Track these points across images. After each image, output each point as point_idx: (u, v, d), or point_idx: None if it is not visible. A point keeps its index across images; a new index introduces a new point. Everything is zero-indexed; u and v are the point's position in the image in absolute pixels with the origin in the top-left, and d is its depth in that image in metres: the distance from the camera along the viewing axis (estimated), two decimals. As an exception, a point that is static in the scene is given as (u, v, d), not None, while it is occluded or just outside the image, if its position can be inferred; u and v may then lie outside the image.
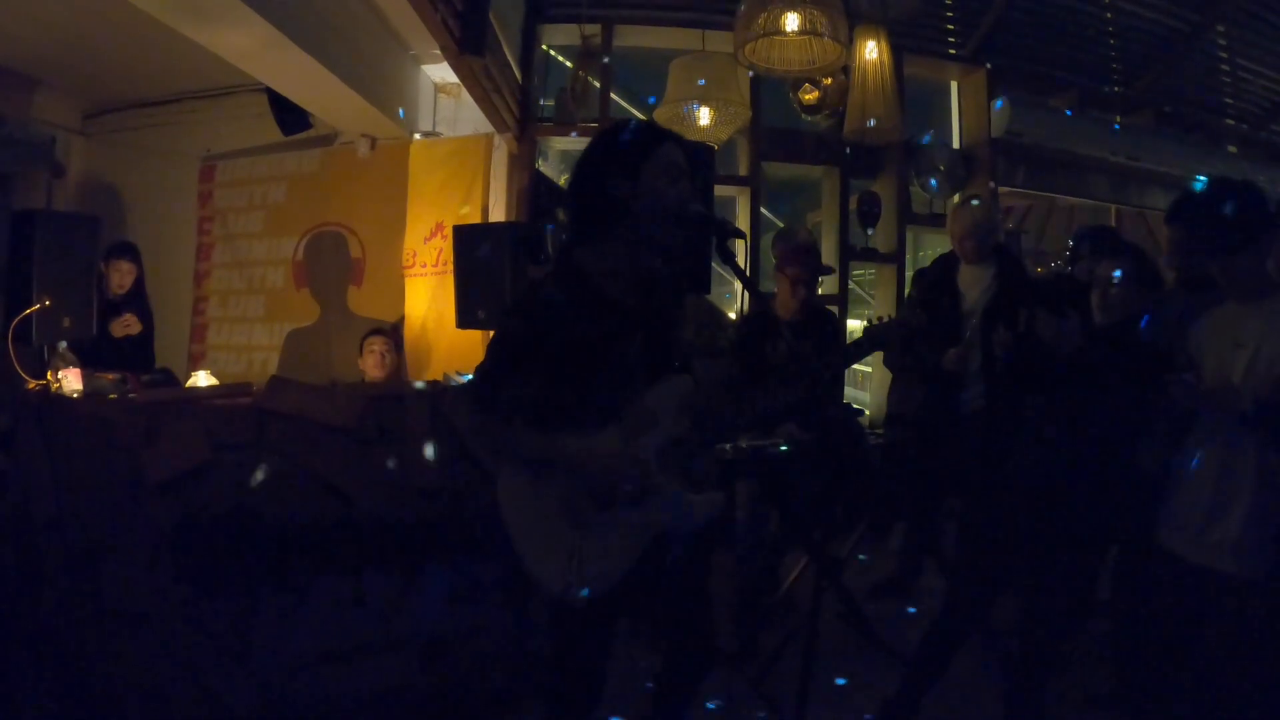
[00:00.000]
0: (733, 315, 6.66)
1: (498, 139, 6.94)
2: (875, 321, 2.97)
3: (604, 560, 2.40)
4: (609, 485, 2.42)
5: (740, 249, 2.45)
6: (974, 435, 4.70)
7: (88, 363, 4.79)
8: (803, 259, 5.02)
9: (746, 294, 2.46)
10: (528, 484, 2.44)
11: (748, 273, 2.54)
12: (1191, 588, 2.94)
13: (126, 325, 5.86)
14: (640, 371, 2.52)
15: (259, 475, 3.72)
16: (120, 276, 5.94)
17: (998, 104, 7.81)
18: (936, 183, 7.67)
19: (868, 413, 7.70)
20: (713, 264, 4.62)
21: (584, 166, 2.55)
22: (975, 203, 5.05)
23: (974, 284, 4.87)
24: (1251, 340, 2.88)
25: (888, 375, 6.05)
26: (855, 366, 8.95)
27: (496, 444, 2.48)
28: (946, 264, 5.09)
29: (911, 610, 5.15)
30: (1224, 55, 8.98)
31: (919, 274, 5.68)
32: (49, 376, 4.26)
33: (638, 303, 2.53)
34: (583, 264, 2.50)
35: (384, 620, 3.84)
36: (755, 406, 2.70)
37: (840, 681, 4.28)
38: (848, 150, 7.44)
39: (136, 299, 6.09)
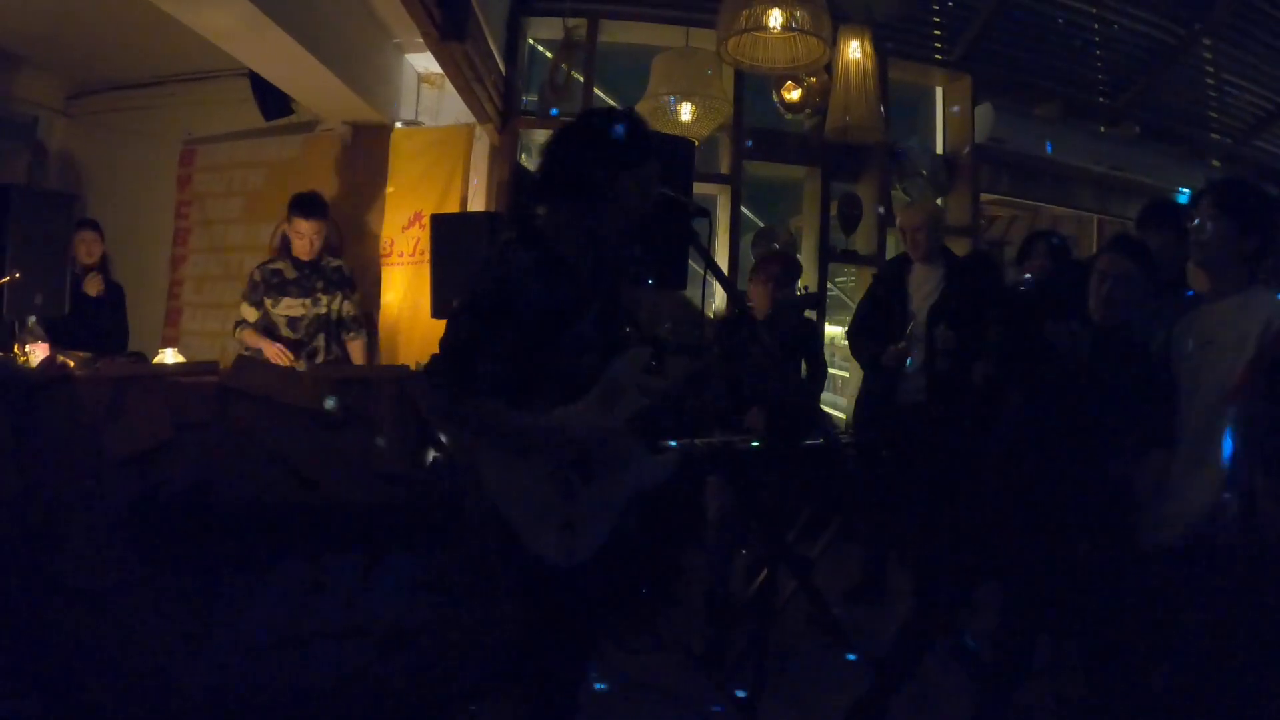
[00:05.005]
0: (710, 314, 6.70)
1: (479, 130, 6.93)
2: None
3: (594, 526, 2.49)
4: (591, 455, 2.48)
5: (704, 229, 2.45)
6: (914, 428, 4.80)
7: (60, 339, 4.78)
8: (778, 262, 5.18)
9: (709, 275, 2.46)
10: (512, 459, 2.47)
11: (723, 267, 2.58)
12: (1168, 588, 2.94)
13: (97, 286, 5.93)
14: (603, 343, 2.57)
15: (221, 455, 3.70)
16: (87, 246, 5.93)
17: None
18: (919, 187, 7.68)
19: (844, 415, 7.71)
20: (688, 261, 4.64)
21: (554, 146, 2.58)
22: (922, 203, 5.20)
23: (922, 284, 5.02)
24: (1220, 337, 2.91)
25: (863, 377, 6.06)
26: (832, 371, 8.96)
27: (471, 420, 2.49)
28: (899, 264, 5.24)
29: (882, 611, 5.16)
30: (1209, 69, 9.01)
31: (883, 266, 5.85)
32: (15, 350, 4.23)
33: (596, 275, 2.58)
34: (544, 233, 2.53)
35: (345, 606, 3.80)
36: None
37: (809, 682, 4.28)
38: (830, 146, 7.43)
39: (103, 271, 6.13)
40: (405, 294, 6.75)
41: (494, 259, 2.49)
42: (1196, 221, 3.06)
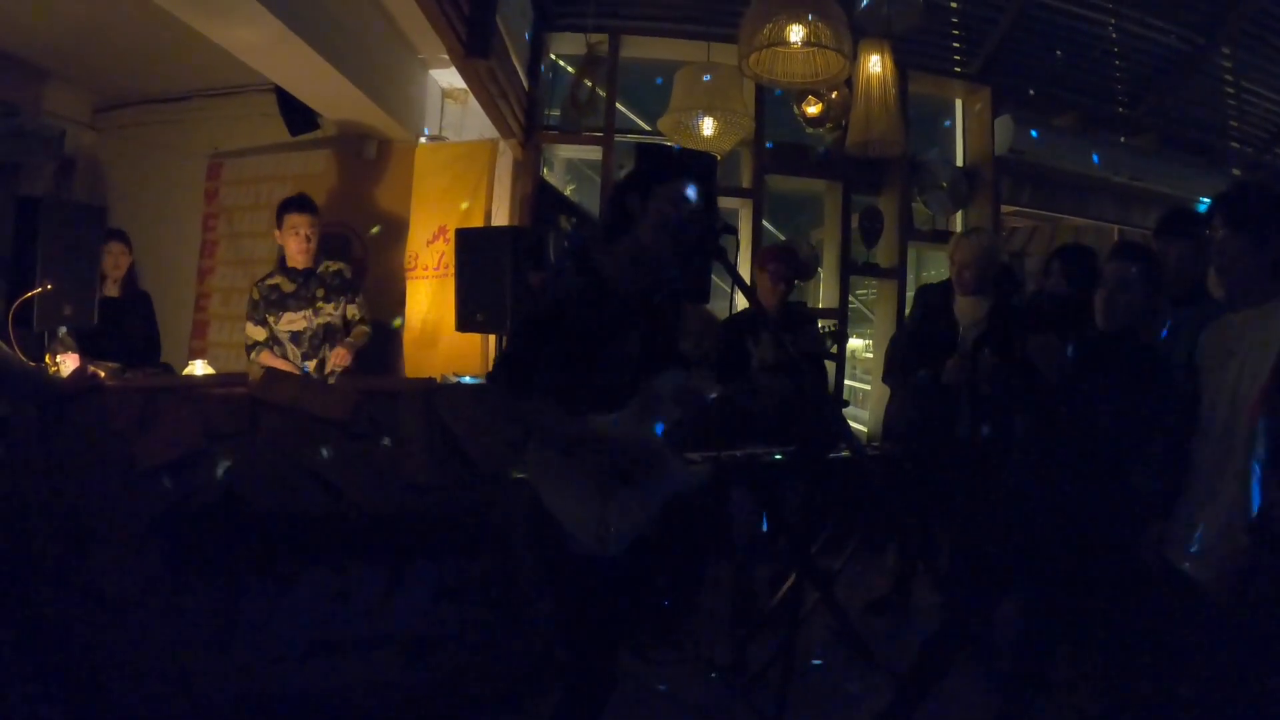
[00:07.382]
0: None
1: (503, 145, 6.98)
2: None
3: (627, 521, 2.72)
4: (629, 459, 2.73)
5: (732, 245, 2.53)
6: (960, 456, 4.74)
7: (89, 349, 4.82)
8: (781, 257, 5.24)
9: (737, 289, 2.54)
10: (558, 457, 2.74)
11: (745, 280, 2.66)
12: (1186, 601, 2.94)
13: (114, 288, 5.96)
14: (645, 362, 2.80)
15: (250, 465, 3.74)
16: (114, 258, 5.95)
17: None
18: (939, 200, 7.70)
19: (864, 429, 7.72)
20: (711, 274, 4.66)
21: (616, 186, 2.96)
22: (976, 236, 5.10)
23: (969, 312, 4.92)
24: (1240, 348, 2.91)
25: (886, 391, 6.05)
26: (853, 384, 8.98)
27: (525, 421, 2.79)
28: (944, 292, 5.15)
29: (903, 625, 5.16)
30: (1229, 78, 8.99)
31: (922, 290, 5.75)
32: (47, 360, 4.28)
33: (642, 300, 2.81)
34: (599, 264, 2.80)
35: (371, 615, 3.84)
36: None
37: (831, 694, 4.29)
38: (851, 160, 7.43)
39: (129, 282, 6.17)
40: (430, 307, 6.80)
41: (552, 281, 2.81)
42: (1213, 232, 3.05)
